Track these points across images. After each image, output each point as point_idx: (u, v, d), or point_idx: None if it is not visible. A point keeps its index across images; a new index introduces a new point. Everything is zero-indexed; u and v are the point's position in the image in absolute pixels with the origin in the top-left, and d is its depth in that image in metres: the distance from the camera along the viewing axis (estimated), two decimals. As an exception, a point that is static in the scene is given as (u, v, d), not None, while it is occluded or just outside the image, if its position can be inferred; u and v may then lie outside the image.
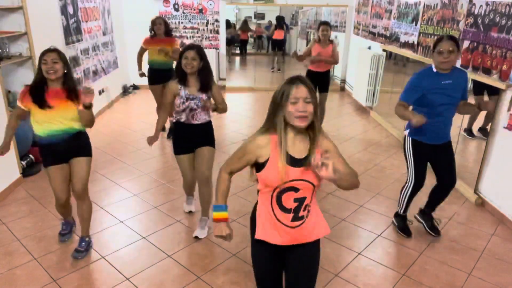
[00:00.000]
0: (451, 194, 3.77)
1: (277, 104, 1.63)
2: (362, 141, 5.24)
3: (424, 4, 4.75)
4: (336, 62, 5.19)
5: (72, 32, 5.18)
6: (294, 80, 1.63)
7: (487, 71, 3.48)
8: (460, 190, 3.82)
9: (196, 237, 3.04)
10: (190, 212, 3.42)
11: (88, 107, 2.55)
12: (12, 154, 3.73)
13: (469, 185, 3.73)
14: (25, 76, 4.14)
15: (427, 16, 4.68)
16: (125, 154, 4.63)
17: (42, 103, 2.50)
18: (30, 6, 4.01)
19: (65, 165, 2.70)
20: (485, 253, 2.91)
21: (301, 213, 1.69)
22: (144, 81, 5.23)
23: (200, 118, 2.97)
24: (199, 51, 2.88)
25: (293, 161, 1.64)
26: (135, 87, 7.86)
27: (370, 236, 3.10)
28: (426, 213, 3.14)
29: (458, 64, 3.95)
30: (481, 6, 3.60)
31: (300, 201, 1.68)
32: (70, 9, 5.15)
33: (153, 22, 4.91)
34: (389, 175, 4.17)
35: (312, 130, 1.66)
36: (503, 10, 3.29)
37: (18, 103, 2.58)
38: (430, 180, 3.06)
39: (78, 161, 2.70)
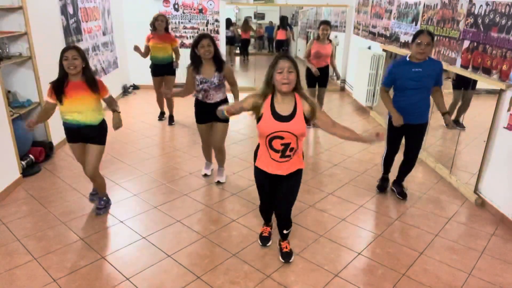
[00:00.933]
0: (451, 194, 3.79)
1: (270, 73, 2.29)
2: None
3: (424, 4, 4.75)
4: (332, 61, 5.53)
5: (72, 32, 5.17)
6: (281, 56, 2.29)
7: (487, 71, 3.48)
8: (460, 190, 3.82)
9: (218, 182, 3.87)
10: (205, 175, 4.02)
11: (117, 111, 3.19)
12: (12, 154, 3.73)
13: (469, 185, 3.73)
14: (25, 76, 4.15)
15: (427, 16, 4.68)
16: (125, 154, 4.63)
17: (61, 97, 2.90)
18: (30, 6, 4.01)
19: (82, 144, 3.15)
20: (485, 253, 2.91)
21: (287, 153, 2.40)
22: (144, 80, 5.33)
23: (214, 97, 3.55)
24: (211, 38, 3.43)
25: (280, 117, 2.32)
26: (135, 87, 7.86)
27: (370, 236, 3.10)
28: (397, 182, 3.75)
29: (458, 64, 3.95)
30: (481, 6, 3.60)
31: (286, 145, 2.36)
32: (70, 9, 5.15)
33: (156, 18, 5.33)
34: (389, 175, 4.16)
35: (297, 93, 2.35)
36: (503, 10, 3.29)
37: (47, 98, 2.97)
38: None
39: (91, 148, 3.13)
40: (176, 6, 7.49)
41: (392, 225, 3.25)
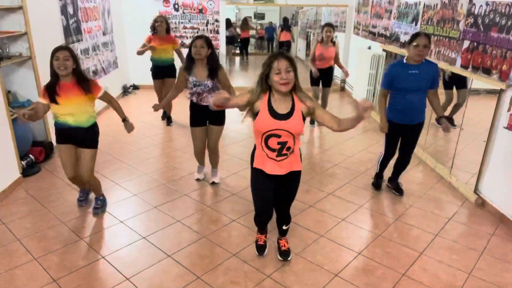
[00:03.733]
0: (451, 194, 3.79)
1: (265, 73, 2.22)
2: (362, 141, 5.24)
3: (424, 4, 4.75)
4: (337, 62, 5.59)
5: (72, 32, 5.17)
6: (278, 55, 2.20)
7: (487, 71, 3.48)
8: (460, 190, 3.82)
9: (213, 182, 3.83)
10: (198, 180, 3.91)
11: (126, 121, 3.32)
12: (12, 154, 3.73)
13: (469, 185, 3.73)
14: (25, 76, 4.15)
15: (427, 16, 4.68)
16: (125, 154, 4.63)
17: (54, 98, 2.85)
18: (30, 6, 4.01)
19: (73, 146, 3.08)
20: (485, 253, 2.91)
21: (283, 152, 2.33)
22: (144, 80, 5.33)
23: (208, 101, 3.42)
24: (207, 40, 3.32)
25: (277, 115, 2.27)
26: (135, 87, 7.86)
27: (370, 236, 3.10)
28: (393, 179, 3.81)
29: (458, 64, 3.95)
30: (481, 6, 3.59)
31: (282, 144, 2.31)
32: (70, 9, 5.15)
33: (155, 20, 5.29)
34: (389, 175, 4.16)
35: (295, 92, 2.28)
36: (503, 10, 3.28)
37: (40, 99, 2.94)
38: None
39: (84, 152, 3.08)
40: (176, 6, 7.48)
41: (392, 225, 3.25)
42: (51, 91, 2.86)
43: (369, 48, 6.64)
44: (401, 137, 3.55)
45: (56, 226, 3.13)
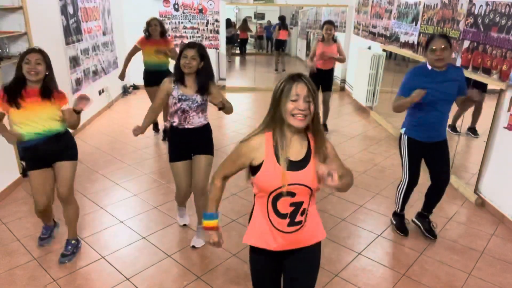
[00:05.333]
0: (451, 194, 3.78)
1: (276, 101, 1.54)
2: (362, 141, 5.24)
3: (424, 4, 4.75)
4: (344, 59, 5.42)
5: (72, 32, 5.17)
6: (296, 77, 1.54)
7: (487, 71, 3.48)
8: (460, 190, 3.82)
9: (193, 247, 2.90)
10: (184, 225, 3.19)
11: (79, 112, 2.52)
12: (12, 154, 3.73)
13: (469, 185, 3.73)
14: (25, 76, 4.14)
15: (427, 16, 4.68)
16: (125, 154, 4.63)
17: (16, 103, 2.43)
18: (30, 6, 4.01)
19: (48, 169, 2.64)
20: (485, 253, 2.91)
21: (298, 218, 1.61)
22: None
23: (194, 121, 2.73)
24: (200, 50, 2.64)
25: (289, 164, 1.54)
26: (135, 87, 7.85)
27: (370, 236, 3.10)
28: (424, 215, 3.13)
29: (458, 64, 3.95)
30: (481, 6, 3.60)
31: (297, 205, 1.59)
32: (70, 9, 5.15)
33: (148, 24, 4.86)
34: (389, 175, 4.17)
35: (311, 131, 1.59)
36: (503, 10, 3.29)
37: None
38: (425, 180, 3.06)
39: (62, 166, 2.64)
40: (176, 6, 7.48)
41: (391, 225, 3.25)
42: (13, 97, 2.43)
43: (369, 48, 6.64)
44: (429, 162, 2.99)
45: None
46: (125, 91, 7.54)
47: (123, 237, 3.04)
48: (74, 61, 5.24)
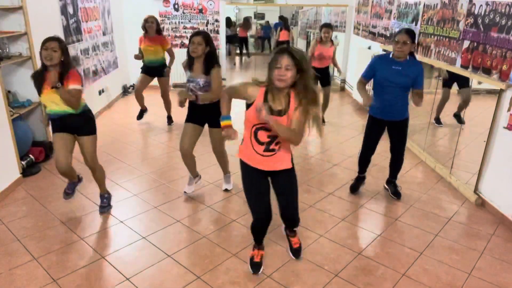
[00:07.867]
0: (451, 194, 3.79)
1: (269, 67, 2.16)
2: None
3: (424, 4, 4.75)
4: (340, 70, 6.08)
5: (72, 32, 5.17)
6: (281, 50, 2.14)
7: (487, 71, 3.48)
8: (460, 190, 3.82)
9: (226, 190, 3.69)
10: (185, 193, 3.61)
11: (55, 87, 2.82)
12: (12, 154, 3.73)
13: (469, 185, 3.73)
14: (25, 76, 4.13)
15: (427, 16, 4.68)
16: (125, 154, 4.63)
17: (38, 88, 2.87)
18: (30, 6, 4.01)
19: (69, 135, 3.04)
20: (485, 253, 2.91)
21: (272, 147, 2.29)
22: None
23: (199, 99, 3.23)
24: (205, 36, 3.14)
25: (271, 111, 2.21)
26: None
27: (370, 236, 3.10)
28: (390, 181, 3.72)
29: (458, 64, 3.95)
30: (481, 6, 3.59)
31: (272, 138, 2.26)
32: (70, 9, 5.15)
33: (146, 20, 5.34)
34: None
35: (295, 91, 2.19)
36: (503, 10, 3.28)
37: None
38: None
39: (84, 142, 3.10)
40: (176, 6, 7.48)
41: (392, 225, 3.25)
42: (37, 81, 2.87)
43: (369, 48, 6.64)
44: (389, 137, 3.52)
45: (56, 226, 3.13)
46: (125, 91, 7.54)
47: (123, 237, 3.04)
48: (74, 61, 5.23)
